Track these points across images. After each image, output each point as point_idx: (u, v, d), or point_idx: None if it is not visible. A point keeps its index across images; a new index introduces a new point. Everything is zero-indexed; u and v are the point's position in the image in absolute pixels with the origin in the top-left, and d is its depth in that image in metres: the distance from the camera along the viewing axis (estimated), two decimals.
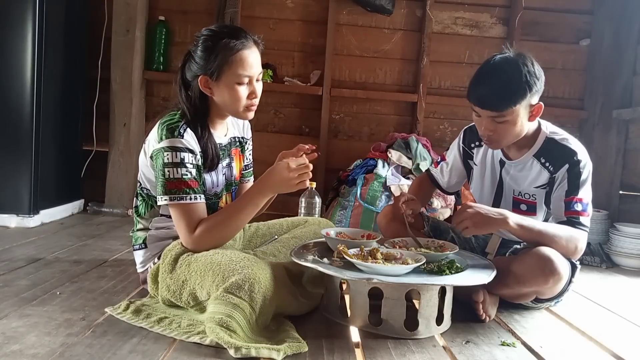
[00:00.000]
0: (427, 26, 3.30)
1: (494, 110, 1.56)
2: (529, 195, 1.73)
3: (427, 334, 1.40)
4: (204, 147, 1.52)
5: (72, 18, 2.89)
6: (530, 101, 1.58)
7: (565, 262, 1.55)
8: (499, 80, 1.55)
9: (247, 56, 1.49)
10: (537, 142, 1.69)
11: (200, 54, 1.50)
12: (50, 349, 1.17)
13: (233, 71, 1.48)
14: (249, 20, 3.28)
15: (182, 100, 1.54)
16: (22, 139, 2.54)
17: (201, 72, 1.50)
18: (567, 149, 1.65)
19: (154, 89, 3.33)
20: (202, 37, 1.52)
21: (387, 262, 1.42)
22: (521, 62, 1.56)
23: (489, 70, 1.59)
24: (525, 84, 1.54)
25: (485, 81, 1.58)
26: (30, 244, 2.22)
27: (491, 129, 1.60)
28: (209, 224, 1.46)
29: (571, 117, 3.40)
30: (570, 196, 1.61)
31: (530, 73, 1.55)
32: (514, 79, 1.54)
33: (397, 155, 2.89)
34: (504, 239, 1.80)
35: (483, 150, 1.85)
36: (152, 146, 1.49)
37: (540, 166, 1.69)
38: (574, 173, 1.62)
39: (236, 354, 1.17)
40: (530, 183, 1.72)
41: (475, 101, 1.59)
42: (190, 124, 1.51)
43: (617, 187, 3.14)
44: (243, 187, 1.81)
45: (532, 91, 1.56)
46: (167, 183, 1.44)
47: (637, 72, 3.12)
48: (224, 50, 1.47)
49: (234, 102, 1.52)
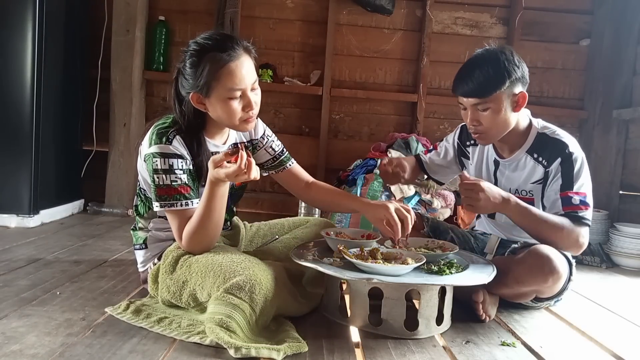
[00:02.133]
0: (427, 26, 3.30)
1: (476, 97, 1.61)
2: (526, 192, 1.73)
3: (427, 334, 1.40)
4: (200, 163, 1.48)
5: (72, 18, 2.89)
6: (513, 90, 1.61)
7: (564, 260, 1.55)
8: (478, 68, 1.61)
9: (236, 68, 1.41)
10: (529, 138, 1.71)
11: (188, 70, 1.43)
12: (50, 349, 1.17)
13: (222, 85, 1.41)
14: (249, 20, 3.28)
15: (176, 114, 1.50)
16: (22, 139, 2.54)
17: (192, 89, 1.44)
18: (559, 142, 1.66)
19: (154, 89, 3.33)
20: (188, 52, 1.45)
21: (387, 262, 1.42)
22: (499, 51, 1.63)
23: (470, 62, 1.65)
24: (504, 70, 1.59)
25: (466, 72, 1.64)
26: (30, 244, 2.22)
27: (476, 118, 1.64)
28: (187, 231, 1.43)
29: (571, 117, 3.40)
30: (566, 191, 1.62)
31: (508, 60, 1.60)
32: (492, 65, 1.60)
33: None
34: (503, 239, 1.80)
35: (478, 151, 1.86)
36: (144, 149, 1.49)
37: (533, 162, 1.70)
38: (567, 166, 1.63)
39: (236, 354, 1.17)
40: (526, 180, 1.72)
41: (459, 92, 1.65)
42: (184, 136, 1.47)
43: (617, 187, 3.14)
44: (290, 172, 1.77)
45: (511, 77, 1.59)
46: (158, 190, 1.43)
47: (637, 72, 3.12)
48: (211, 65, 1.40)
49: (228, 117, 1.46)
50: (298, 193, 1.81)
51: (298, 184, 1.78)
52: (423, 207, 2.80)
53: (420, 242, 1.70)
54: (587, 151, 1.70)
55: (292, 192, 1.81)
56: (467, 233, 1.95)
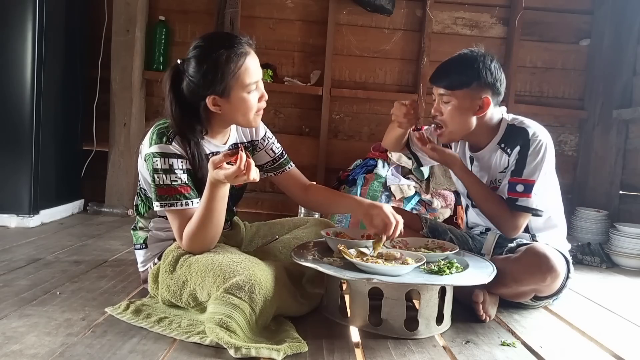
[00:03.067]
0: (427, 26, 3.30)
1: (442, 86, 1.67)
2: (498, 181, 1.75)
3: (427, 334, 1.40)
4: (197, 165, 1.48)
5: (72, 18, 2.89)
6: (480, 93, 1.64)
7: (561, 258, 1.56)
8: (454, 62, 1.70)
9: (250, 63, 1.46)
10: (499, 131, 1.74)
11: (201, 75, 1.43)
12: (50, 349, 1.17)
13: (241, 83, 1.45)
14: (249, 20, 3.28)
15: (173, 118, 1.47)
16: (22, 139, 2.54)
17: (208, 93, 1.44)
18: (522, 131, 1.69)
19: (154, 89, 3.32)
20: (195, 58, 1.44)
21: (387, 262, 1.42)
22: (480, 54, 1.68)
23: (452, 57, 1.74)
24: (477, 71, 1.64)
25: (443, 64, 1.73)
26: (30, 244, 2.22)
27: (439, 109, 1.69)
28: (187, 231, 1.44)
29: (571, 117, 3.40)
30: (514, 177, 1.66)
31: (484, 64, 1.65)
32: (467, 63, 1.66)
33: (397, 155, 2.89)
34: (499, 239, 1.80)
35: (460, 148, 1.88)
36: (145, 149, 1.49)
37: (501, 151, 1.73)
38: (522, 153, 1.66)
39: (236, 354, 1.17)
40: (495, 170, 1.76)
41: (431, 79, 1.73)
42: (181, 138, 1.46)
43: (617, 187, 3.13)
44: (289, 175, 1.77)
45: (480, 80, 1.63)
46: (158, 189, 1.44)
47: (637, 72, 3.12)
48: (228, 66, 1.42)
49: (247, 111, 1.48)
50: (295, 196, 1.80)
51: (296, 187, 1.78)
52: (423, 207, 2.80)
53: (420, 242, 1.70)
54: (587, 151, 1.70)
55: (290, 194, 1.80)
56: (465, 234, 1.95)
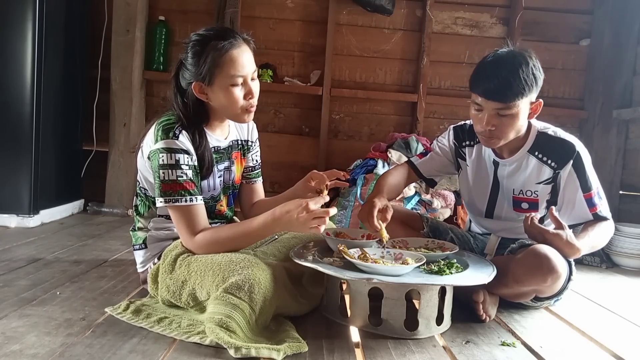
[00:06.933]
0: (427, 26, 3.31)
1: (501, 102, 1.54)
2: (531, 193, 1.72)
3: (427, 334, 1.40)
4: (200, 155, 1.50)
5: (72, 18, 2.89)
6: (534, 96, 1.60)
7: (562, 260, 1.55)
8: (507, 71, 1.52)
9: (237, 56, 1.46)
10: (529, 138, 1.70)
11: (190, 60, 1.47)
12: (50, 349, 1.17)
13: (225, 73, 1.45)
14: (249, 20, 3.28)
15: (178, 107, 1.52)
16: (22, 139, 2.54)
17: (194, 79, 1.47)
18: (566, 143, 1.66)
19: (154, 89, 3.33)
20: (191, 42, 1.49)
21: (387, 262, 1.42)
22: (528, 56, 1.57)
23: (496, 62, 1.57)
24: (533, 77, 1.54)
25: (492, 72, 1.54)
26: (30, 244, 2.22)
27: (493, 123, 1.57)
28: (214, 236, 1.45)
29: (571, 117, 3.40)
30: (588, 192, 1.64)
31: (535, 67, 1.56)
32: (522, 71, 1.52)
33: (397, 155, 2.89)
34: (502, 239, 1.80)
35: (476, 152, 1.83)
36: (149, 147, 1.49)
37: (537, 161, 1.69)
38: (580, 167, 1.64)
39: (236, 354, 1.17)
40: (531, 180, 1.71)
41: (482, 92, 1.56)
42: (187, 129, 1.49)
43: (617, 187, 3.14)
44: (252, 187, 1.81)
45: (537, 85, 1.57)
46: (163, 185, 1.44)
47: (637, 72, 3.12)
48: (213, 53, 1.44)
49: (231, 105, 1.49)
50: (244, 209, 1.83)
51: (250, 201, 1.82)
52: (423, 207, 2.80)
53: (420, 242, 1.70)
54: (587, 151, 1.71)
55: (241, 204, 1.83)
56: (466, 233, 1.95)
